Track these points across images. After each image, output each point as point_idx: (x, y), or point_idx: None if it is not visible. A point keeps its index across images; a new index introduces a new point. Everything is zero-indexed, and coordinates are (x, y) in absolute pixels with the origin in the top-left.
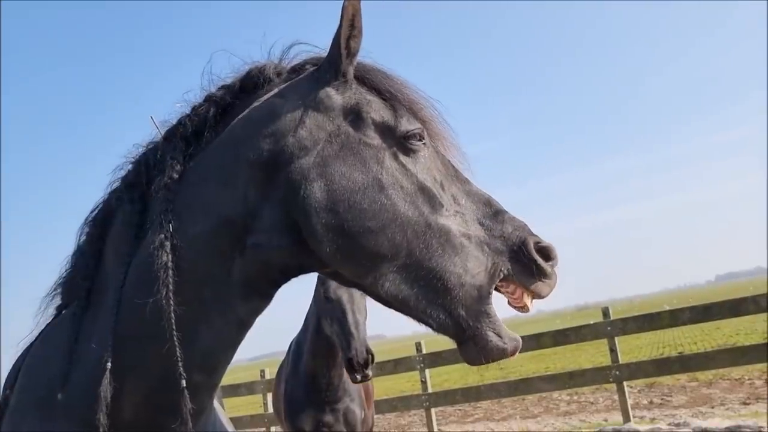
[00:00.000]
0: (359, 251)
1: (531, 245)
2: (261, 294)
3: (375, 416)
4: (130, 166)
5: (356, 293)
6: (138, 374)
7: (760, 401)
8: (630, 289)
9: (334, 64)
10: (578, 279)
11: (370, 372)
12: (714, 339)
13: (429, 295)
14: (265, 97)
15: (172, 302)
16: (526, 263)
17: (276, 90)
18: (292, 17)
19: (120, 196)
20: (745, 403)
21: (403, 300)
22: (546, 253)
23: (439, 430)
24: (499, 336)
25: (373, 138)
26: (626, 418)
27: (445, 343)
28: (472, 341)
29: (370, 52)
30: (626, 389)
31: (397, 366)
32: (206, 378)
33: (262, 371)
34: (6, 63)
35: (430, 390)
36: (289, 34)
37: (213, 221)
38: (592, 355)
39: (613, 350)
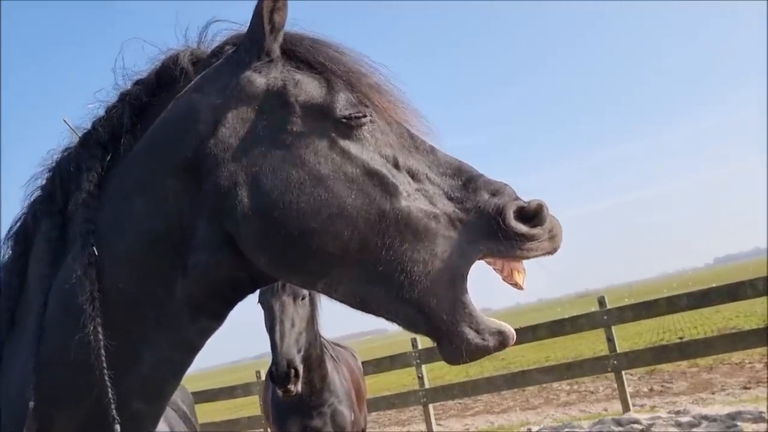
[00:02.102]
0: (304, 257)
1: (510, 213)
2: (211, 315)
3: (375, 413)
4: (47, 175)
5: (289, 300)
6: (67, 411)
7: (761, 385)
8: (629, 275)
9: (257, 42)
10: (577, 266)
11: (293, 387)
12: (714, 322)
13: (392, 291)
14: (183, 92)
15: (101, 337)
16: (507, 234)
17: (193, 82)
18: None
19: (38, 209)
20: (745, 388)
21: (363, 301)
22: (531, 214)
23: (438, 425)
24: (477, 331)
25: (305, 124)
26: (626, 408)
27: None
28: (447, 338)
29: (299, 19)
30: (625, 378)
31: (393, 362)
32: (150, 406)
33: (258, 372)
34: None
35: (427, 386)
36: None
37: (144, 240)
38: (592, 342)
39: (610, 339)
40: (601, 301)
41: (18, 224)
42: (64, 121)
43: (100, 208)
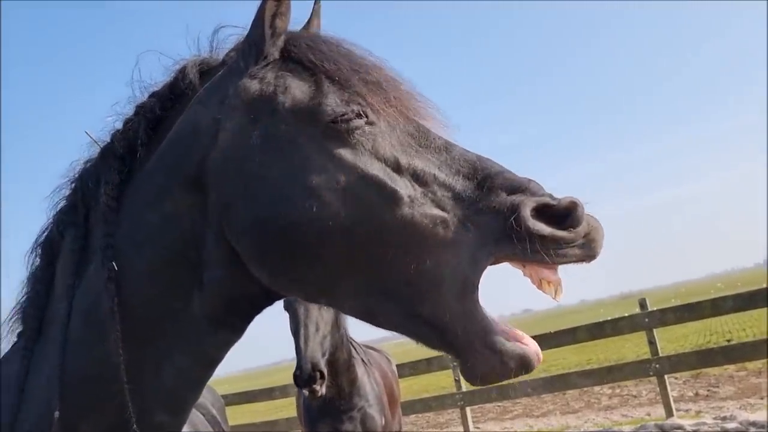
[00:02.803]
0: (302, 272)
1: (525, 211)
2: (229, 328)
3: (413, 415)
4: (71, 186)
5: (313, 305)
6: (91, 421)
7: None
8: (675, 275)
9: (255, 46)
10: (621, 266)
11: (318, 389)
12: (764, 324)
13: (401, 305)
14: (190, 104)
15: (121, 351)
16: (521, 236)
17: (197, 94)
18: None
19: (63, 219)
20: None
21: (371, 317)
22: (562, 213)
23: (476, 428)
24: (493, 351)
25: (294, 131)
26: (669, 413)
27: None
28: (463, 357)
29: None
30: (668, 382)
31: (429, 365)
32: (172, 418)
33: None
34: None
35: (464, 388)
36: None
37: (161, 255)
38: (636, 345)
39: (652, 342)
40: (642, 304)
41: (45, 234)
42: (87, 133)
43: (119, 222)
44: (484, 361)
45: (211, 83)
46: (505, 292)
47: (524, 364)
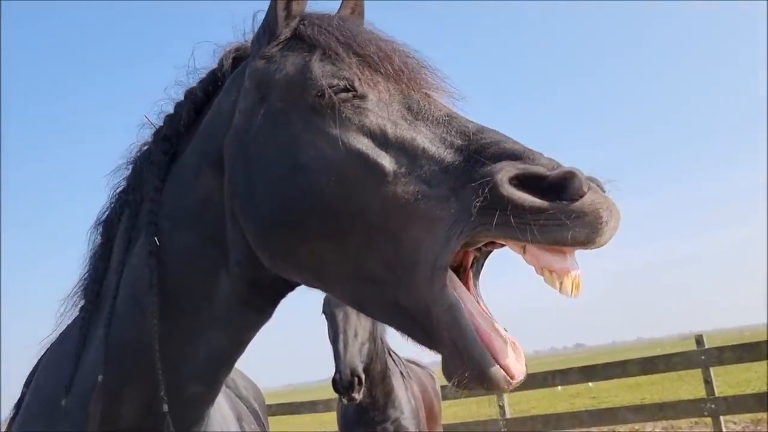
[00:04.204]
0: (295, 254)
1: (501, 177)
2: (256, 310)
3: None
4: (130, 167)
5: (352, 311)
6: (134, 385)
7: None
8: (738, 319)
9: (268, 28)
10: (681, 306)
11: (357, 395)
12: None
13: (384, 291)
14: (222, 90)
15: (156, 323)
16: (491, 205)
17: (227, 80)
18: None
19: (121, 198)
20: None
21: (359, 302)
22: (554, 183)
23: None
24: (457, 348)
25: (287, 108)
26: None
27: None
28: (440, 352)
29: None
30: (725, 425)
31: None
32: (205, 390)
33: None
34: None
35: (508, 415)
36: None
37: (195, 236)
38: (694, 386)
39: (708, 382)
40: (699, 340)
41: (106, 213)
42: (146, 117)
43: (162, 201)
44: (450, 358)
45: (240, 68)
46: (557, 326)
47: (482, 378)
